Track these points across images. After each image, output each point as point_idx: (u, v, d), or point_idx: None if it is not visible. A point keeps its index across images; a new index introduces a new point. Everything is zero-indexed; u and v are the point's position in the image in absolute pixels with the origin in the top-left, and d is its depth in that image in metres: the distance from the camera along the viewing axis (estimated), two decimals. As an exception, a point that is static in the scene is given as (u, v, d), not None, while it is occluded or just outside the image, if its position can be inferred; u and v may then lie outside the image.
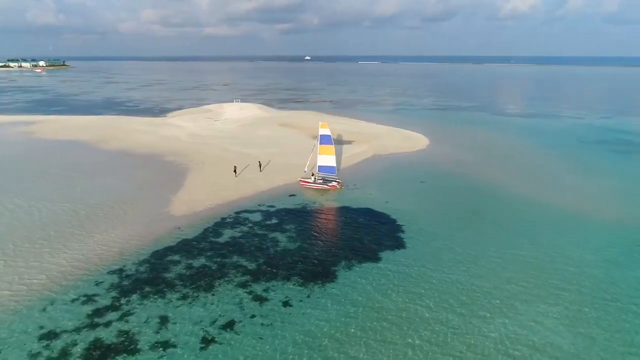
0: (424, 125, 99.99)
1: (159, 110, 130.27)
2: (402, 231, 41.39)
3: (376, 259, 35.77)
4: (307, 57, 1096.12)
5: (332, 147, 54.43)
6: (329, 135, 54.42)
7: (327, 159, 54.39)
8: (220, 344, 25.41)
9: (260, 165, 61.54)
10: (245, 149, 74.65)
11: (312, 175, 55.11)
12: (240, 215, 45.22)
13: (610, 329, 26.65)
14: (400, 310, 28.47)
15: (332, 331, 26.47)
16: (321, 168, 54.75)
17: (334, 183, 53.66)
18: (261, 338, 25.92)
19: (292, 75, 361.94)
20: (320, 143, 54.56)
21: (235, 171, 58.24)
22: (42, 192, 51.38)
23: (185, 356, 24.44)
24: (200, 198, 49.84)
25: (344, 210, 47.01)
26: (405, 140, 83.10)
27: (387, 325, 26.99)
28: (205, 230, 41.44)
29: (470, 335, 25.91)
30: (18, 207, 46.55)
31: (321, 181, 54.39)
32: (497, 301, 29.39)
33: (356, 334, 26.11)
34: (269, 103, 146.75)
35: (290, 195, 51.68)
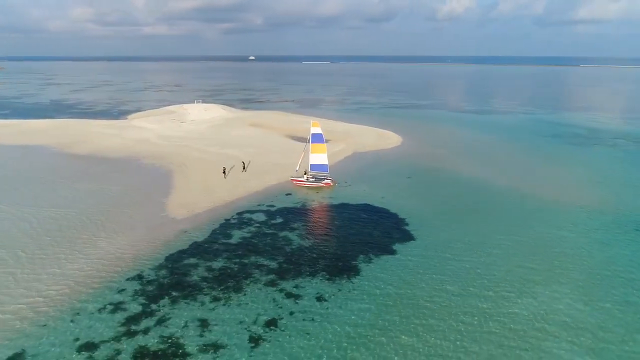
0: (391, 124, 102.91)
1: (117, 112, 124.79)
2: (406, 224, 43.01)
3: (392, 251, 37.06)
4: (251, 57, 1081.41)
5: (324, 146, 55.23)
6: (321, 134, 55.18)
7: (319, 157, 55.08)
8: (269, 341, 25.53)
9: (244, 166, 61.08)
10: (223, 150, 73.66)
11: (305, 173, 55.60)
12: (243, 216, 44.94)
13: (620, 300, 29.57)
14: (432, 297, 29.88)
15: (377, 320, 27.36)
16: (313, 166, 55.36)
17: (328, 180, 54.46)
18: (308, 333, 26.32)
19: (242, 76, 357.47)
20: (312, 142, 55.18)
21: (224, 172, 57.47)
22: (26, 199, 48.29)
23: (238, 356, 24.38)
24: (196, 200, 48.89)
25: (344, 207, 47.98)
26: (379, 138, 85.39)
27: (426, 311, 28.28)
28: (213, 232, 40.89)
29: (503, 316, 27.78)
30: (10, 214, 43.48)
31: (313, 179, 55.00)
32: (517, 283, 31.59)
33: (401, 322, 27.18)
34: (230, 103, 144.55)
35: (286, 194, 51.90)
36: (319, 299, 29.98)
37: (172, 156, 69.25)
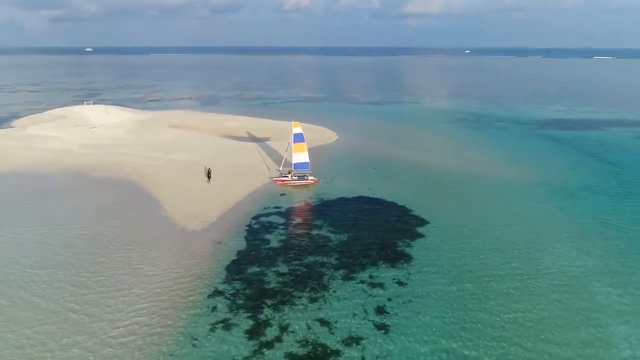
0: (310, 118, 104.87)
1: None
2: (409, 209, 48.52)
3: (417, 233, 42.10)
4: (88, 49, 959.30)
5: (305, 145, 57.50)
6: (302, 134, 57.36)
7: (301, 156, 57.22)
8: (394, 325, 28.51)
9: (209, 173, 57.76)
10: (170, 156, 69.90)
11: (289, 173, 57.23)
12: (260, 220, 45.43)
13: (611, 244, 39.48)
14: (497, 270, 35.59)
15: (458, 290, 32.25)
16: (297, 165, 57.27)
17: (312, 177, 57.03)
18: (418, 312, 29.99)
19: (97, 71, 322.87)
20: (295, 141, 57.01)
21: (209, 176, 55.84)
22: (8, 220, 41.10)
23: (381, 341, 26.97)
24: (199, 210, 47.31)
25: (344, 200, 51.45)
26: (317, 133, 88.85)
27: (505, 286, 34.01)
28: (246, 239, 40.95)
29: (556, 268, 35.12)
30: (17, 238, 36.78)
31: (296, 178, 57.03)
32: (539, 244, 39.53)
33: (474, 286, 32.51)
34: (120, 104, 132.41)
35: (281, 195, 53.20)
36: (400, 283, 33.65)
37: (120, 167, 63.46)
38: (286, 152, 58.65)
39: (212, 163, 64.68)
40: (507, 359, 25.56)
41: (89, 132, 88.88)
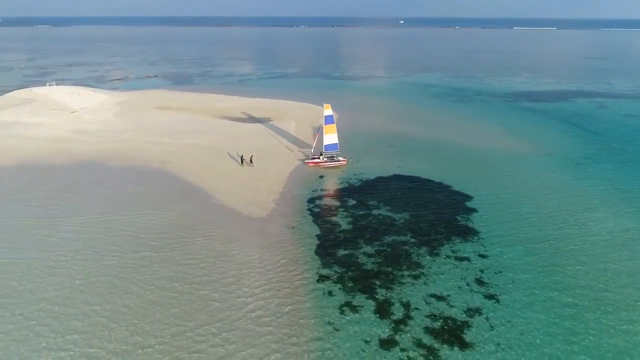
0: (297, 95, 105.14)
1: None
2: (447, 184, 51.47)
3: (476, 208, 45.05)
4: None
5: (334, 126, 58.30)
6: (332, 115, 57.97)
7: (332, 137, 58.06)
8: (499, 293, 31.31)
9: (250, 159, 57.10)
10: (182, 141, 67.72)
11: (321, 154, 57.96)
12: (317, 203, 46.37)
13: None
14: (556, 235, 39.39)
15: (537, 259, 35.68)
16: (328, 146, 58.06)
17: (341, 158, 58.17)
18: (513, 282, 32.94)
19: (29, 46, 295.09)
20: (326, 123, 57.55)
21: (242, 161, 55.38)
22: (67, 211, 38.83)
23: (496, 309, 29.68)
24: (251, 196, 47.35)
25: (383, 180, 53.23)
26: (311, 112, 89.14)
27: (569, 248, 37.77)
28: (316, 223, 41.86)
29: (603, 230, 39.43)
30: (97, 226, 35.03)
31: (326, 159, 57.95)
32: (575, 211, 43.88)
33: (557, 256, 36.12)
34: (83, 84, 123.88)
35: (320, 177, 54.08)
36: (481, 255, 36.48)
37: (135, 154, 60.85)
38: (317, 134, 59.03)
39: (229, 147, 64.12)
40: (599, 298, 29.17)
41: (73, 117, 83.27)
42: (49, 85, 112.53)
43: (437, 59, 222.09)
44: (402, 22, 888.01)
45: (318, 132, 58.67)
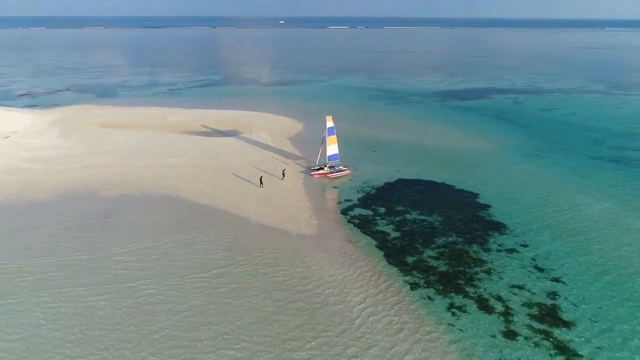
0: (257, 106, 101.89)
1: None
2: (453, 185, 56.62)
3: (491, 204, 50.60)
4: None
5: (335, 137, 60.19)
6: (333, 127, 59.68)
7: (333, 148, 59.88)
8: (560, 277, 36.62)
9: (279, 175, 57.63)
10: (163, 161, 63.91)
11: (325, 165, 59.45)
12: (350, 214, 48.08)
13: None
14: (570, 220, 46.25)
15: (570, 242, 42.04)
16: (330, 157, 59.75)
17: (344, 167, 60.39)
18: (562, 264, 38.62)
19: None
20: (328, 135, 59.14)
21: (261, 182, 54.31)
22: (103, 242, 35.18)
23: (567, 289, 34.91)
24: (287, 214, 47.45)
25: (394, 185, 56.55)
26: (279, 122, 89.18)
27: (586, 230, 44.69)
28: (364, 234, 43.70)
29: (604, 212, 47.34)
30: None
31: (329, 170, 59.75)
32: (569, 198, 51.71)
33: (582, 238, 42.81)
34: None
35: (334, 187, 55.73)
36: (524, 245, 41.76)
37: (123, 180, 56.26)
38: (321, 146, 60.20)
39: (217, 164, 62.70)
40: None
41: (9, 142, 73.07)
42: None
43: (344, 59, 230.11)
44: (282, 22, 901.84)
45: (322, 143, 59.92)
